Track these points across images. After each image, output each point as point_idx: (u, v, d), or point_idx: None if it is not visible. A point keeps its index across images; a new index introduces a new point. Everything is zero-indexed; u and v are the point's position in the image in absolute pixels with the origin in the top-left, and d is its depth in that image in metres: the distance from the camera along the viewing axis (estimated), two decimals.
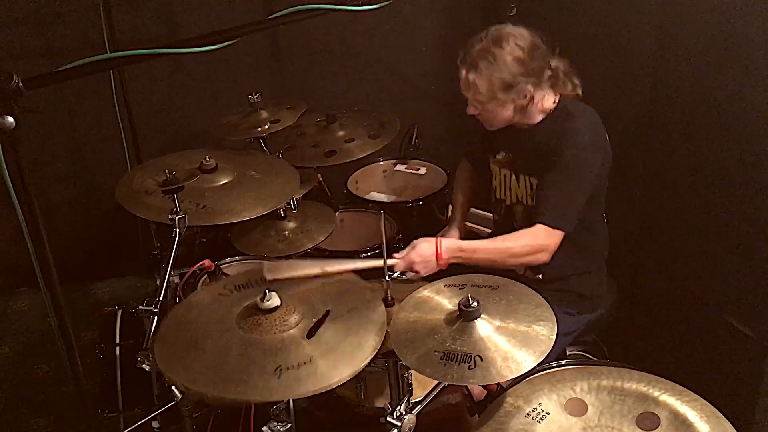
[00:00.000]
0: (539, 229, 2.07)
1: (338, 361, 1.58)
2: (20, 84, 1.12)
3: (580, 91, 2.21)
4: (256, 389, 1.52)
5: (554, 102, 2.19)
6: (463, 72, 2.11)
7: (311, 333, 1.66)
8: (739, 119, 2.21)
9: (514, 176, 2.27)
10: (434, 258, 2.07)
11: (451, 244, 2.11)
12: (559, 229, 2.07)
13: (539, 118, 2.20)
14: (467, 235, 2.92)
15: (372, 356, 1.59)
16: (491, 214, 2.53)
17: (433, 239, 2.10)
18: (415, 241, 2.10)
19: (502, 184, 2.33)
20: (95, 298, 3.63)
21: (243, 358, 1.59)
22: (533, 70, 2.08)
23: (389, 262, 1.90)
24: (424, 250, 2.07)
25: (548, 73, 2.13)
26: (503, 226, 2.36)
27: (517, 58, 2.05)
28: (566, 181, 2.09)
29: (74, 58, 1.27)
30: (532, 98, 2.12)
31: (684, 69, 2.44)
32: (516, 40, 2.06)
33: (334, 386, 1.53)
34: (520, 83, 2.07)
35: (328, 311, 1.72)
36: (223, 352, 1.62)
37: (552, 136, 2.14)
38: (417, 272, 2.08)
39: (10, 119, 1.12)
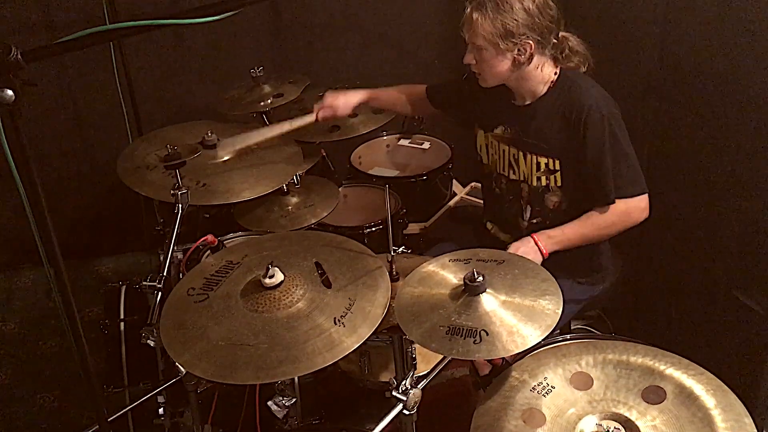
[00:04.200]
0: (618, 204, 2.12)
1: (376, 288, 1.68)
2: (19, 56, 1.09)
3: (584, 68, 2.18)
4: (337, 347, 1.52)
5: (555, 74, 2.16)
6: (469, 10, 2.08)
7: (327, 283, 1.69)
8: (746, 92, 2.18)
9: (521, 154, 2.23)
10: (537, 253, 2.11)
11: (541, 236, 2.15)
12: (635, 196, 2.11)
13: (542, 89, 2.17)
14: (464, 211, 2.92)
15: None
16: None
17: (528, 238, 2.14)
18: (509, 247, 2.14)
19: (502, 159, 2.30)
20: (99, 274, 3.64)
21: (299, 332, 1.57)
22: (539, 27, 2.04)
23: None
24: (526, 253, 2.09)
25: (554, 40, 2.10)
26: (503, 199, 2.35)
27: (526, 9, 2.02)
28: (612, 152, 2.09)
29: (74, 32, 1.25)
30: (532, 57, 2.08)
31: (691, 41, 2.41)
32: None
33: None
34: (523, 35, 2.03)
35: (315, 262, 1.76)
36: (274, 342, 1.56)
37: (563, 109, 2.12)
38: None
39: (10, 92, 1.09)
